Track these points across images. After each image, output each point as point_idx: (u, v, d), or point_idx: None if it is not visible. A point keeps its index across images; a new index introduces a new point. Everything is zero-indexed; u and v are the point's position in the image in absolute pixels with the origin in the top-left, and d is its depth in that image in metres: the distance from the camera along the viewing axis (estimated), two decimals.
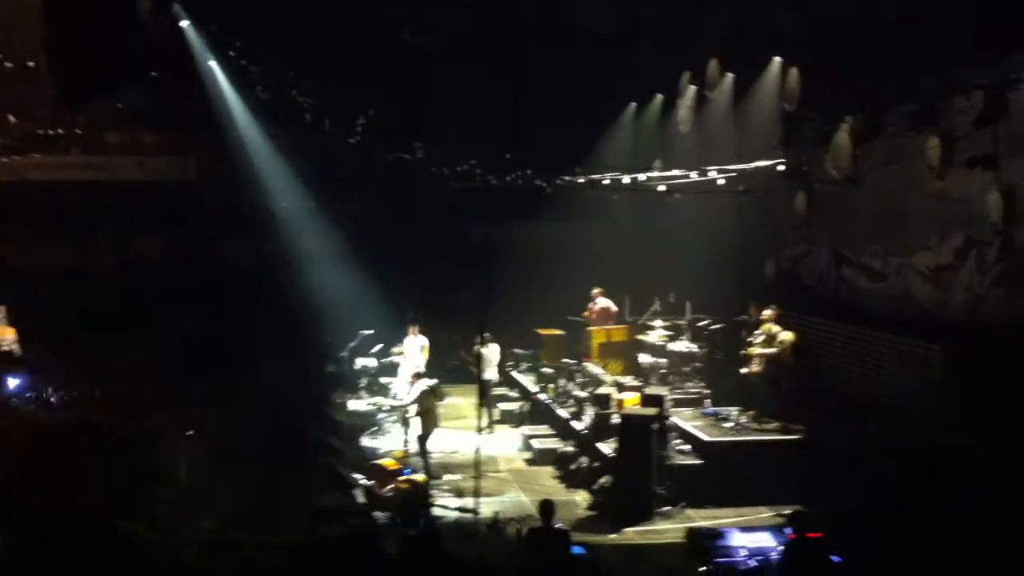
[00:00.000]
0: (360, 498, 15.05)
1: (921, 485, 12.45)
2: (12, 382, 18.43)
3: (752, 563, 11.21)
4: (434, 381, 17.15)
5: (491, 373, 19.59)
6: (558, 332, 22.02)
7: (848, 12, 15.31)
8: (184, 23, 22.63)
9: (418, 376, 16.90)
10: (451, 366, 22.12)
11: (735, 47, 18.20)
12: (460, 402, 21.10)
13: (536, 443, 17.87)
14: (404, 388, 17.54)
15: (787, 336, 15.75)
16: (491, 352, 19.40)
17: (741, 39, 17.94)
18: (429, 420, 16.37)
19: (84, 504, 13.37)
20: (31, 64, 27.05)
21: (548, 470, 16.99)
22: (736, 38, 18.07)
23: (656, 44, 20.35)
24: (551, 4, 20.24)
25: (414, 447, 16.86)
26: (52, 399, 17.81)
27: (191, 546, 12.96)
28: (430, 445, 16.60)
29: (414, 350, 19.78)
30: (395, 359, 19.24)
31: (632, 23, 20.33)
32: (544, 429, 18.76)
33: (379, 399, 18.54)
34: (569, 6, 19.48)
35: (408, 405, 16.97)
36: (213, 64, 23.65)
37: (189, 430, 16.19)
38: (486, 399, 18.51)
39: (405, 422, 17.86)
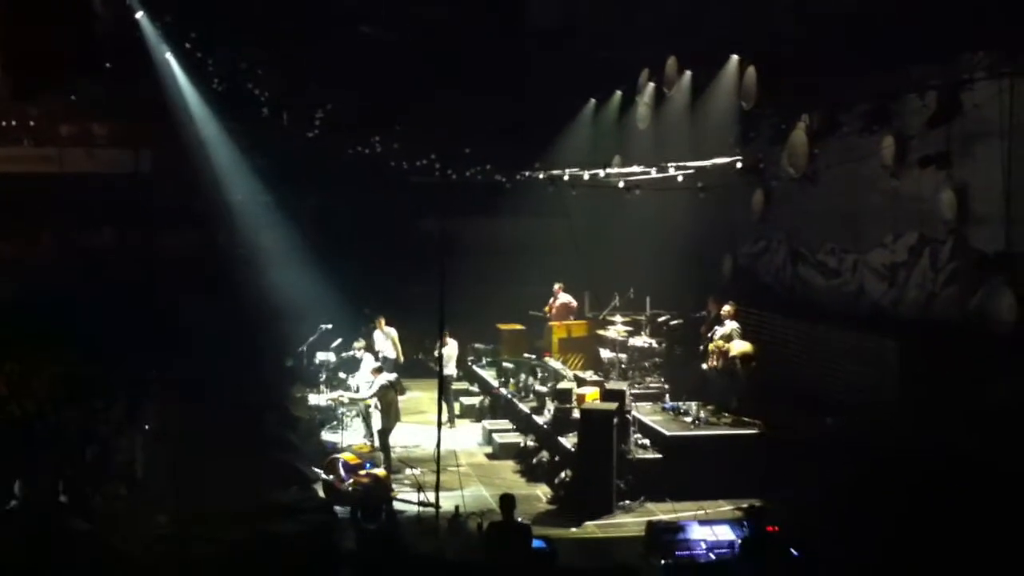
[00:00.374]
0: (320, 493, 15.02)
1: (878, 478, 12.65)
2: None
3: (712, 556, 11.37)
4: (394, 375, 17.17)
5: (451, 368, 19.62)
6: (518, 327, 22.08)
7: (804, 11, 15.49)
8: (139, 14, 22.38)
9: (379, 371, 16.89)
10: (410, 361, 22.11)
11: (693, 45, 18.35)
12: (420, 396, 21.15)
13: (497, 437, 17.93)
14: (365, 382, 17.52)
15: (738, 350, 15.90)
16: (450, 347, 19.43)
17: (699, 37, 18.08)
18: (390, 414, 16.37)
19: (34, 501, 13.24)
20: None
21: (509, 464, 17.06)
22: (694, 36, 18.21)
23: (615, 41, 20.46)
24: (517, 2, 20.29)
25: (376, 441, 16.89)
26: None
27: (144, 543, 12.90)
28: (391, 439, 16.60)
29: (385, 343, 19.87)
30: (356, 354, 19.19)
31: (591, 19, 20.39)
32: (505, 424, 18.83)
33: (340, 393, 18.48)
34: (535, 4, 19.54)
35: (368, 399, 16.97)
36: (169, 56, 23.41)
37: (143, 424, 16.13)
38: (446, 394, 18.54)
39: (366, 417, 17.87)
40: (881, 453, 13.05)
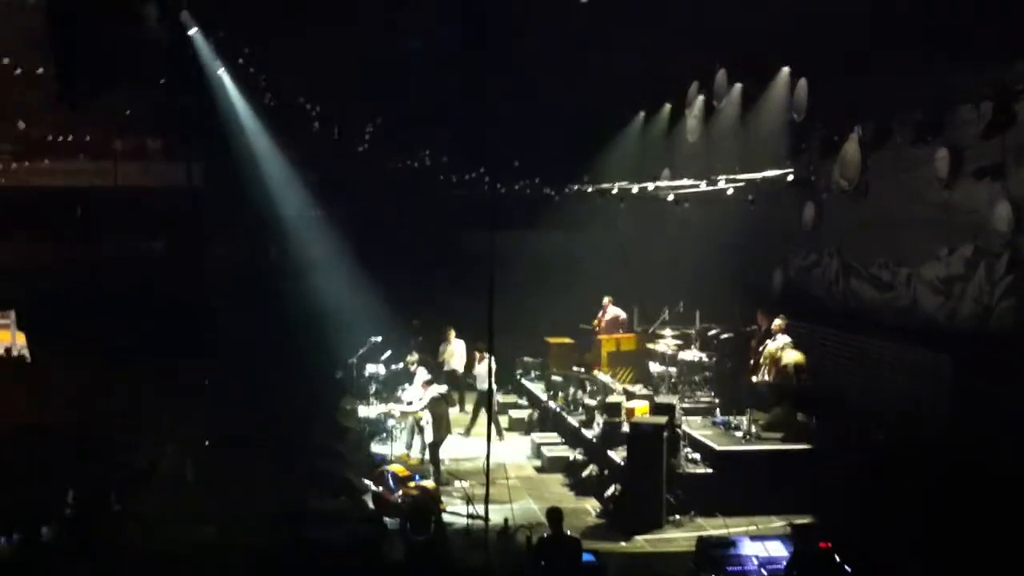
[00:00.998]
0: (369, 503, 15.08)
1: (931, 494, 12.46)
2: None
3: (763, 572, 11.24)
4: (444, 388, 17.22)
5: (483, 384, 19.70)
6: (567, 340, 22.04)
7: (855, 21, 15.35)
8: (192, 30, 22.69)
9: (429, 383, 16.93)
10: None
11: (743, 57, 18.26)
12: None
13: (546, 451, 17.90)
14: (417, 396, 17.58)
15: (791, 359, 15.76)
16: (482, 366, 19.58)
17: (749, 49, 17.99)
18: (441, 427, 16.36)
19: (79, 506, 13.43)
20: (40, 71, 27.16)
21: (558, 478, 17.02)
22: (744, 48, 18.13)
23: (664, 53, 20.42)
24: (563, 13, 20.27)
25: (426, 455, 16.92)
26: None
27: (186, 549, 13.03)
28: (442, 452, 16.62)
29: (454, 355, 20.23)
30: (411, 367, 19.23)
31: (641, 32, 20.35)
32: (554, 437, 18.80)
33: (392, 406, 18.59)
34: (582, 15, 19.51)
35: (419, 412, 16.97)
36: (222, 71, 23.72)
37: (192, 432, 16.32)
38: (482, 407, 18.70)
39: (418, 429, 17.90)
40: (934, 469, 12.84)
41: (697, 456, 15.27)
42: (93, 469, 14.51)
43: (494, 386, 19.81)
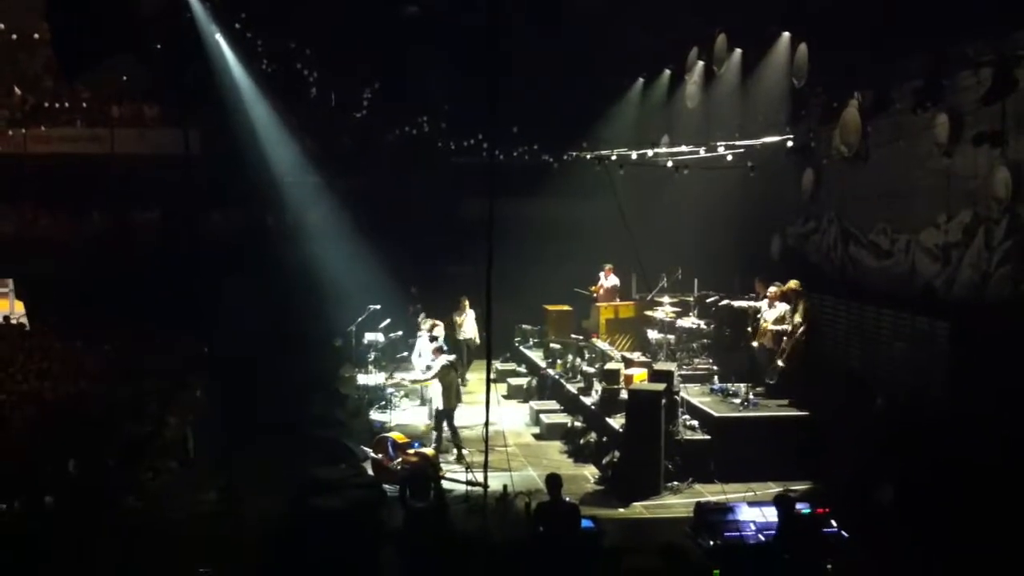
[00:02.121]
0: (368, 471, 15.13)
1: (927, 460, 12.52)
2: None
3: (761, 538, 11.29)
4: (453, 356, 17.17)
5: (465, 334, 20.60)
6: (565, 308, 22.06)
7: None
8: None
9: (439, 351, 16.84)
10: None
11: (743, 22, 18.15)
12: (470, 378, 21.22)
13: (545, 418, 17.94)
14: (425, 364, 17.64)
15: (804, 306, 15.74)
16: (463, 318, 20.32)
17: (749, 14, 17.89)
18: (451, 396, 16.25)
19: (85, 476, 13.50)
20: (36, 36, 27.04)
21: (556, 445, 17.08)
22: (744, 13, 18.02)
23: (663, 19, 20.30)
24: None
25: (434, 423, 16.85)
26: None
27: (191, 517, 13.11)
28: (457, 420, 16.48)
29: (470, 323, 20.58)
30: (429, 332, 19.30)
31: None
32: (553, 404, 18.85)
33: (401, 376, 18.78)
34: None
35: (429, 381, 16.91)
36: (219, 37, 23.58)
37: (192, 401, 16.35)
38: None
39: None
40: (932, 435, 12.89)
41: (695, 423, 15.31)
42: (94, 438, 14.57)
43: (492, 352, 19.92)
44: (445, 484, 14.41)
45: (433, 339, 18.53)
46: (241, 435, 15.21)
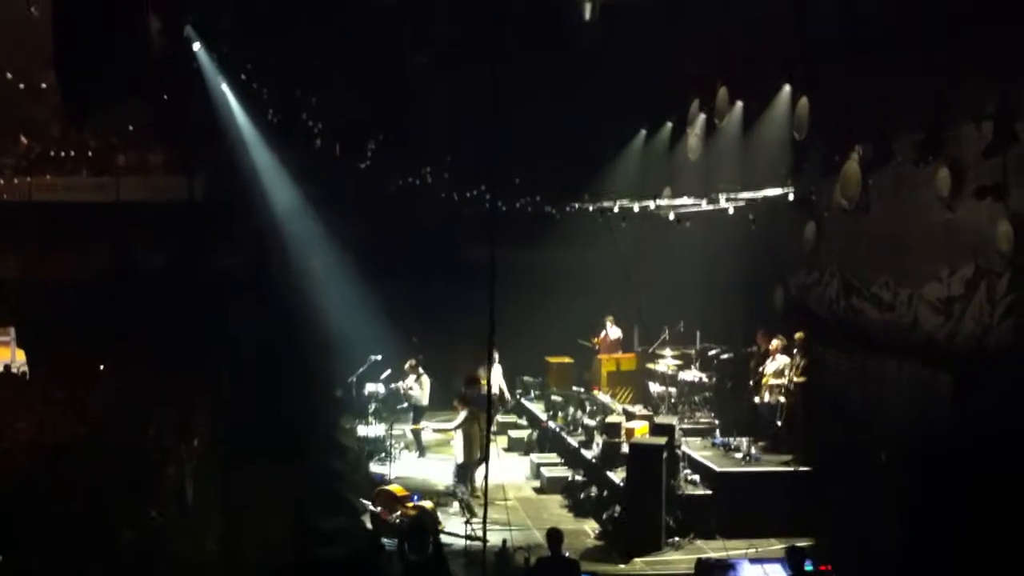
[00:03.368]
0: (367, 523, 15.01)
1: (931, 515, 12.39)
2: None
3: None
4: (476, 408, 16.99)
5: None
6: (566, 360, 22.00)
7: (855, 40, 15.35)
8: (196, 45, 22.75)
9: (464, 401, 16.68)
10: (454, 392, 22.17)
11: (744, 75, 18.26)
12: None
13: (545, 471, 17.83)
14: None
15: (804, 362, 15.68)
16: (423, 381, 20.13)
17: (750, 67, 18.00)
18: (472, 449, 16.00)
19: (87, 519, 13.40)
20: (43, 85, 27.24)
21: (557, 499, 16.97)
22: (745, 66, 18.14)
23: (665, 71, 20.44)
24: (564, 31, 20.29)
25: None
26: None
27: (190, 566, 13.00)
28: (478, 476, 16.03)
29: (498, 376, 20.27)
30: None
31: (642, 51, 20.37)
32: (553, 457, 18.73)
33: (424, 424, 19.09)
34: (582, 33, 19.51)
35: (452, 431, 16.74)
36: (224, 87, 23.76)
37: (191, 448, 16.26)
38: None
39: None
40: (935, 488, 12.76)
41: (696, 477, 15.21)
42: (94, 485, 14.48)
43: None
44: (444, 538, 14.27)
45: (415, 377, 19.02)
46: (240, 484, 15.14)
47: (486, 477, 13.93)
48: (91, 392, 19.47)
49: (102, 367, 20.73)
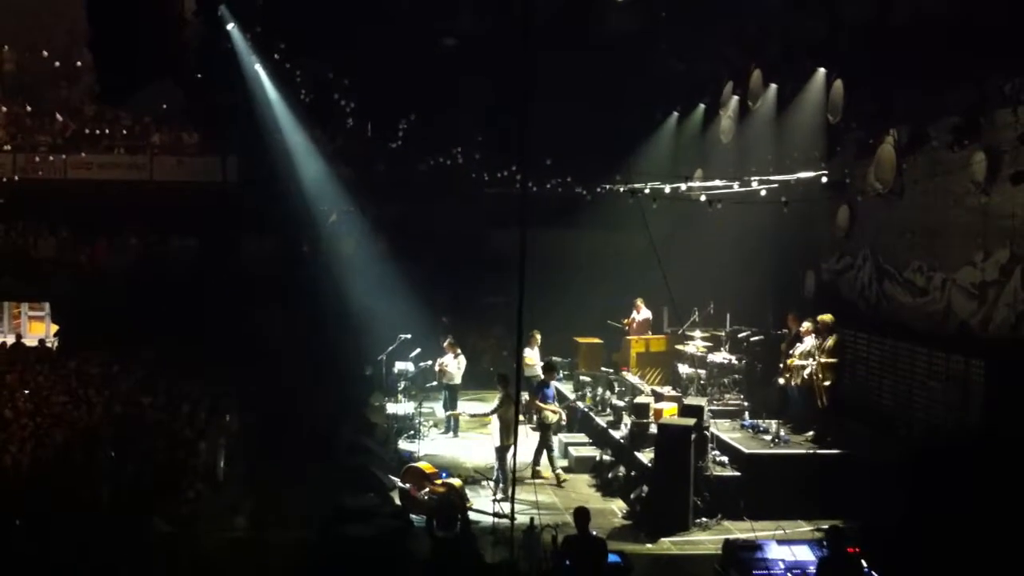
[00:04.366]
0: (396, 500, 15.11)
1: (961, 501, 12.33)
2: None
3: None
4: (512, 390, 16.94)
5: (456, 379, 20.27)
6: (596, 340, 21.99)
7: (890, 23, 15.21)
8: (230, 26, 22.87)
9: (504, 381, 16.55)
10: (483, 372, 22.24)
11: (778, 57, 18.15)
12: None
13: (573, 451, 17.85)
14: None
15: (832, 339, 15.60)
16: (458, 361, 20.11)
17: (784, 49, 17.88)
18: (508, 432, 15.72)
19: (117, 501, 13.56)
20: (79, 64, 27.49)
21: (585, 478, 16.98)
22: (779, 48, 18.02)
23: (699, 53, 20.34)
24: (597, 12, 20.24)
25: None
26: None
27: (220, 543, 13.14)
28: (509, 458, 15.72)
29: (535, 358, 20.29)
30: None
31: (675, 32, 20.29)
32: (581, 437, 18.75)
33: (460, 410, 19.24)
34: (616, 14, 19.46)
35: (489, 416, 16.72)
36: (258, 67, 23.87)
37: (223, 427, 16.43)
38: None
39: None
40: (966, 475, 12.70)
41: (725, 459, 15.19)
42: (127, 462, 14.67)
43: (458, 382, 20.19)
44: (472, 515, 14.36)
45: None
46: (271, 462, 15.29)
47: (514, 456, 13.99)
48: (125, 370, 19.70)
49: (136, 346, 20.93)
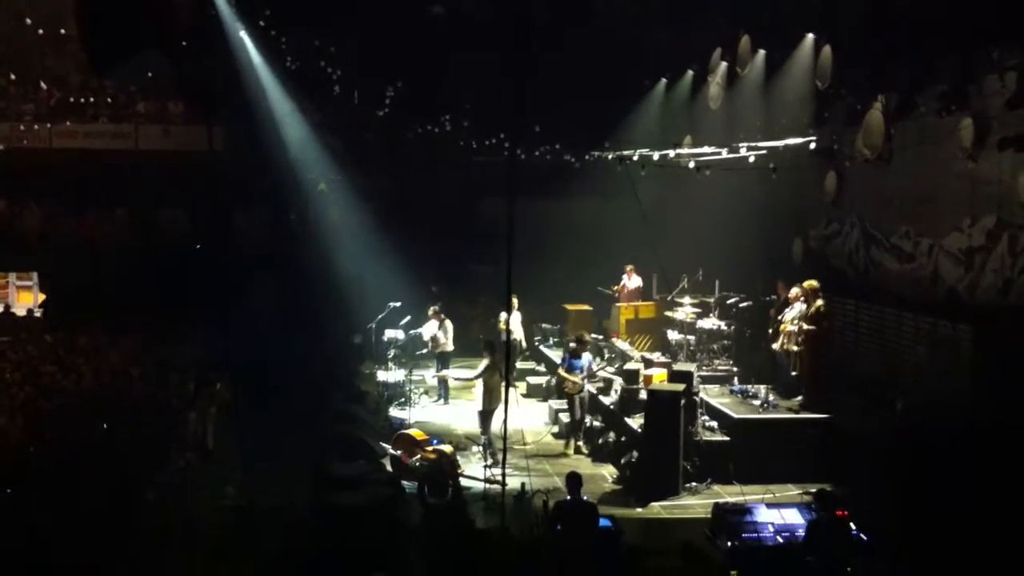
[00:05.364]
0: (387, 467, 15.17)
1: (948, 465, 12.45)
2: None
3: (779, 539, 11.29)
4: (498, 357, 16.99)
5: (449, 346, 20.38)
6: (585, 307, 22.06)
7: None
8: None
9: (490, 348, 16.44)
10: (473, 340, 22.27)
11: (767, 23, 18.13)
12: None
13: (564, 416, 17.91)
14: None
15: (820, 302, 15.66)
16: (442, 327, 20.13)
17: (773, 15, 17.86)
18: (492, 397, 15.88)
19: (111, 470, 13.57)
20: (63, 32, 27.23)
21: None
22: (768, 14, 17.99)
23: (688, 19, 20.29)
24: None
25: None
26: None
27: (211, 511, 13.17)
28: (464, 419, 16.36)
29: (517, 325, 20.37)
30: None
31: None
32: None
33: (446, 372, 19.23)
34: None
35: (473, 380, 16.73)
36: (243, 35, 23.70)
37: (213, 396, 16.43)
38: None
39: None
40: (953, 440, 12.82)
41: (714, 424, 15.27)
42: (117, 431, 14.68)
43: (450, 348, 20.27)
44: (463, 481, 14.44)
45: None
46: (260, 430, 15.30)
47: (505, 422, 14.04)
48: (114, 341, 19.68)
49: (124, 317, 20.89)
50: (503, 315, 20.12)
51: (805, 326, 15.49)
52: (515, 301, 20.53)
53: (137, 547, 11.80)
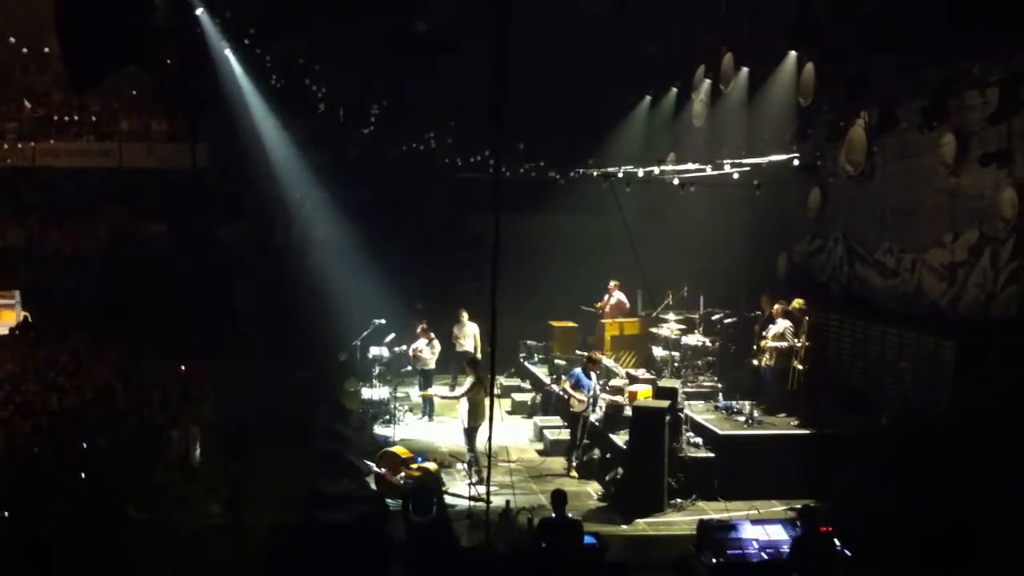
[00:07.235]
0: (372, 485, 15.11)
1: (932, 479, 12.47)
2: None
3: (764, 556, 11.26)
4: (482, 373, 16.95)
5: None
6: (570, 324, 22.04)
7: (862, 7, 15.31)
8: (199, 10, 22.68)
9: (473, 365, 16.50)
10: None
11: (750, 40, 18.22)
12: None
13: (548, 434, 17.90)
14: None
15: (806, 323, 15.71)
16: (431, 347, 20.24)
17: (756, 33, 17.96)
18: (477, 414, 15.80)
19: (91, 488, 13.49)
20: (46, 50, 27.18)
21: (560, 461, 17.01)
22: (751, 32, 18.09)
23: (671, 37, 20.39)
24: None
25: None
26: None
27: (195, 529, 13.11)
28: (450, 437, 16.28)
29: (467, 338, 20.44)
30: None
31: (648, 16, 20.33)
32: (556, 420, 18.77)
33: (432, 391, 19.21)
34: None
35: (459, 398, 16.68)
36: (228, 52, 23.71)
37: (197, 414, 16.36)
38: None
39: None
40: (937, 454, 12.85)
41: (699, 440, 15.27)
42: (97, 450, 14.59)
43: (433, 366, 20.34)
44: (448, 499, 14.39)
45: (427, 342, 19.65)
46: (245, 448, 15.23)
47: (489, 439, 13.99)
48: (97, 357, 19.57)
49: (108, 334, 20.79)
50: (453, 328, 20.25)
51: (796, 344, 15.57)
52: (464, 314, 20.54)
53: (120, 565, 11.74)
